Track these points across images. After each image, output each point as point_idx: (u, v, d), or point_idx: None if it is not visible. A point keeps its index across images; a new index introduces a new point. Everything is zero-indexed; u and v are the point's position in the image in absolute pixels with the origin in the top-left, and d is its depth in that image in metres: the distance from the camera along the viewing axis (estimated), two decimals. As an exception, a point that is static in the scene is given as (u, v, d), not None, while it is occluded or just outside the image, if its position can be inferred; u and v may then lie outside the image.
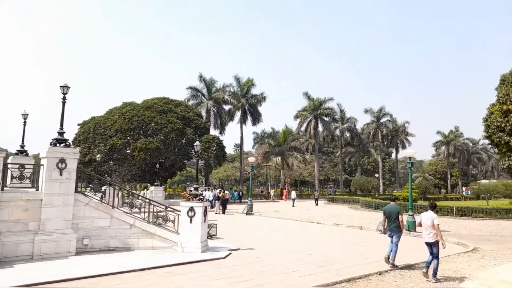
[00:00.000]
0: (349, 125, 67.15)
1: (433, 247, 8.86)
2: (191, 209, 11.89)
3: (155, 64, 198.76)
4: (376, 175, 72.91)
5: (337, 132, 66.57)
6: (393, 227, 10.11)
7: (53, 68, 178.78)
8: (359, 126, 70.95)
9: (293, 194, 40.79)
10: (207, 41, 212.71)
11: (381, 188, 67.88)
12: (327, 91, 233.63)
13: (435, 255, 8.79)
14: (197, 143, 14.82)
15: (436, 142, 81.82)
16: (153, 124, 39.84)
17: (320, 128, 62.27)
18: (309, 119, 61.15)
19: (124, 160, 40.55)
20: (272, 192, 55.29)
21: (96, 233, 11.77)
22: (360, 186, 59.46)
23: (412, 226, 17.46)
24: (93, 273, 8.84)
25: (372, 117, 69.87)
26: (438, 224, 8.86)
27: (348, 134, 68.04)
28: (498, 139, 18.60)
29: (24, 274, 8.66)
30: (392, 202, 10.84)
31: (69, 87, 12.35)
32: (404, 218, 19.77)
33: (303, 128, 62.66)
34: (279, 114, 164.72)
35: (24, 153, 16.57)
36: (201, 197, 12.53)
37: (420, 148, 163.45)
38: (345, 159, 76.69)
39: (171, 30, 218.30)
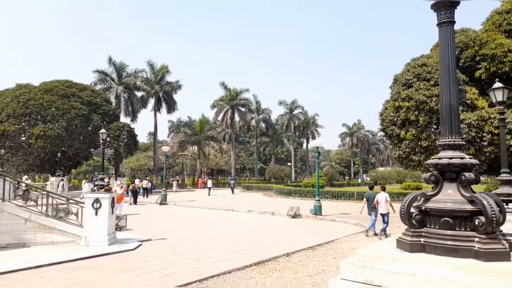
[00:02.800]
0: (264, 116, 69.22)
1: (385, 216, 12.46)
2: (97, 200, 11.13)
3: (53, 42, 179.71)
4: (289, 163, 76.65)
5: (253, 122, 68.12)
6: (371, 207, 13.00)
7: None
8: (273, 117, 73.68)
9: (209, 182, 40.71)
10: (119, 25, 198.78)
11: (293, 176, 71.56)
12: (244, 83, 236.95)
13: (386, 221, 12.44)
14: (102, 130, 13.86)
15: (341, 134, 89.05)
16: (53, 109, 36.08)
17: (237, 118, 63.03)
18: (226, 109, 61.43)
19: (19, 148, 36.18)
20: (174, 183, 46.33)
21: (-19, 230, 10.34)
22: (274, 174, 61.98)
23: (319, 210, 18.79)
24: (-25, 275, 7.76)
25: (285, 109, 72.95)
26: (390, 201, 12.62)
27: (263, 125, 70.15)
28: (391, 132, 20.90)
29: None
30: (370, 190, 13.83)
31: None
32: (311, 203, 21.32)
33: (220, 118, 62.77)
34: (197, 104, 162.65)
35: None
36: (108, 187, 11.78)
37: (329, 139, 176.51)
38: (260, 149, 79.04)
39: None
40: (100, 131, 13.96)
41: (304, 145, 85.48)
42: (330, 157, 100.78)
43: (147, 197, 33.46)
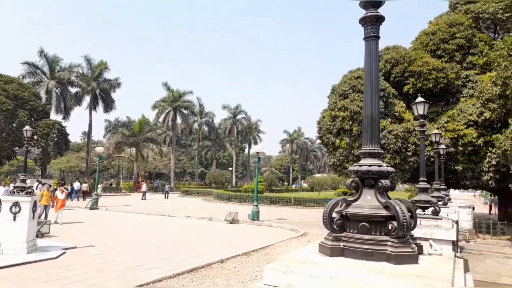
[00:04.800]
0: (208, 119, 68.75)
1: None
2: (16, 204, 10.16)
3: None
4: (230, 168, 76.71)
5: (196, 125, 67.25)
6: None
7: None
8: (216, 121, 73.40)
9: (144, 186, 39.21)
10: (55, 19, 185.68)
11: (233, 181, 71.68)
12: (188, 85, 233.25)
13: None
14: (27, 127, 12.73)
15: (282, 140, 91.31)
16: (-28, 102, 32.57)
17: (179, 120, 61.80)
18: (167, 111, 59.93)
19: None
20: (100, 187, 34.21)
21: None
22: (214, 178, 61.59)
23: (256, 216, 18.98)
24: None
25: (229, 113, 73.09)
26: None
27: (206, 128, 69.60)
28: (327, 140, 21.83)
29: None
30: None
31: None
32: (250, 208, 21.50)
33: (161, 119, 61.05)
34: (138, 104, 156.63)
35: None
36: (30, 190, 10.83)
37: (270, 145, 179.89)
38: (202, 152, 78.17)
39: None
40: (24, 128, 12.80)
41: (246, 150, 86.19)
42: (271, 163, 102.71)
43: (84, 200, 31.45)
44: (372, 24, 4.50)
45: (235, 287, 7.61)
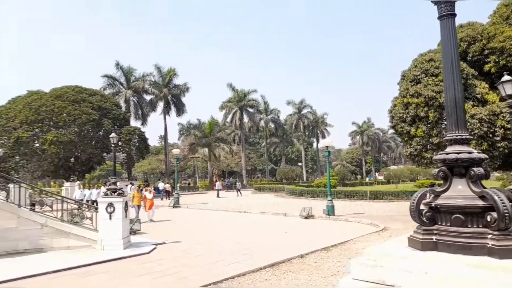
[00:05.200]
0: (273, 116, 69.30)
1: None
2: (110, 204, 11.30)
3: (64, 49, 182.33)
4: (300, 164, 76.45)
5: (262, 123, 68.20)
6: None
7: None
8: (282, 117, 73.65)
9: (218, 184, 40.74)
10: (125, 30, 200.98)
11: (304, 176, 71.38)
12: (252, 84, 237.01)
13: None
14: (113, 135, 14.02)
15: (351, 132, 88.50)
16: (64, 114, 36.65)
17: (245, 119, 63.20)
18: (234, 110, 61.63)
19: (33, 155, 36.85)
20: (166, 185, 37.75)
21: (1, 236, 10.58)
22: (285, 174, 61.92)
23: (331, 210, 18.72)
24: (-4, 281, 7.96)
25: (294, 108, 72.85)
26: None
27: (272, 125, 70.22)
28: (401, 129, 20.68)
29: None
30: None
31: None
32: (323, 203, 21.26)
33: (228, 119, 63.00)
34: (206, 106, 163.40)
35: None
36: (121, 191, 11.94)
37: (339, 137, 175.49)
38: (270, 149, 79.02)
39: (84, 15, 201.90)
40: (111, 136, 14.14)
41: (314, 145, 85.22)
42: (341, 156, 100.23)
43: (167, 199, 33.76)
44: (446, 1, 4.19)
45: (317, 282, 7.63)
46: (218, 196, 37.42)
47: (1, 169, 30.32)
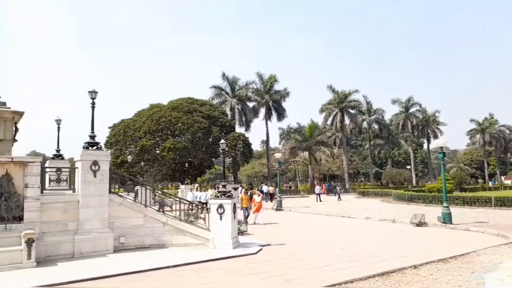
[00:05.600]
0: (377, 116, 65.77)
1: None
2: (220, 206, 12.06)
3: (178, 65, 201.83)
4: (408, 166, 70.98)
5: (365, 124, 65.34)
6: None
7: (81, 72, 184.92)
8: (387, 117, 69.40)
9: (317, 188, 40.08)
10: (228, 39, 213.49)
11: (413, 180, 66.07)
12: (352, 84, 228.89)
13: None
14: (222, 141, 15.00)
15: (470, 131, 78.81)
16: (179, 124, 40.54)
17: (347, 121, 61.31)
18: (334, 112, 60.34)
19: (155, 160, 41.54)
20: (270, 188, 39.10)
21: (131, 232, 12.17)
22: (391, 178, 58.18)
23: (448, 218, 16.92)
24: (129, 270, 9.16)
25: (400, 107, 68.07)
26: None
27: (376, 126, 66.68)
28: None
29: (66, 272, 9.10)
30: None
31: (97, 92, 12.71)
32: (437, 210, 19.33)
33: (329, 122, 61.93)
34: (305, 109, 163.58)
35: (60, 157, 17.30)
36: (230, 194, 12.66)
37: (453, 137, 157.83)
38: (374, 152, 75.13)
39: (191, 31, 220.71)
40: (220, 142, 15.15)
41: (425, 146, 78.18)
42: (457, 158, 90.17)
43: (271, 201, 34.77)
44: None
45: (435, 296, 6.96)
46: (319, 200, 36.92)
47: (129, 173, 34.92)
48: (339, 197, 39.08)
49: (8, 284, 8.08)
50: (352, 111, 61.31)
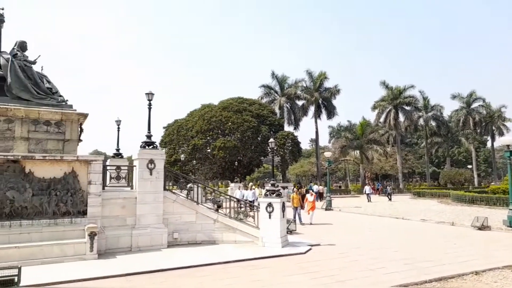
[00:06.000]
0: (434, 113, 62.16)
1: None
2: (269, 204, 12.13)
3: (228, 64, 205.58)
4: (469, 166, 66.29)
5: (421, 121, 62.09)
6: None
7: (136, 76, 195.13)
8: (446, 113, 65.34)
9: (367, 188, 38.70)
10: (276, 36, 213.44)
11: (475, 180, 61.60)
12: (407, 79, 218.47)
13: None
14: (271, 140, 15.03)
15: (541, 127, 71.74)
16: (229, 123, 41.32)
17: (401, 118, 58.62)
18: (388, 109, 57.97)
19: (206, 159, 42.74)
20: (320, 187, 39.69)
21: (184, 228, 12.65)
22: (450, 178, 54.73)
23: (515, 222, 15.60)
24: (183, 265, 9.55)
25: (461, 103, 63.77)
26: None
27: (433, 123, 63.06)
28: None
29: (125, 264, 9.69)
30: None
31: (153, 94, 13.39)
32: (502, 212, 17.88)
33: (382, 119, 59.63)
34: (356, 107, 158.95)
35: (119, 156, 18.45)
36: (279, 192, 12.68)
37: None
38: (431, 150, 71.12)
39: (238, 31, 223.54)
40: (269, 141, 15.20)
41: (489, 144, 72.54)
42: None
43: (320, 201, 34.32)
44: None
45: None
46: (369, 200, 35.64)
47: (182, 171, 36.28)
48: (389, 197, 37.48)
49: (75, 274, 8.77)
50: (407, 108, 58.53)
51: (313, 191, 30.39)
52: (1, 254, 9.35)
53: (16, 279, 7.09)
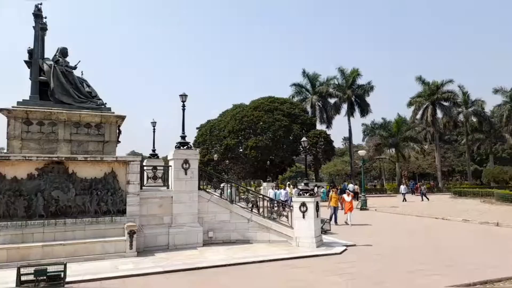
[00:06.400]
0: (475, 108, 59.17)
1: None
2: (303, 204, 12.03)
3: (258, 63, 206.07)
4: (514, 163, 62.64)
5: (461, 117, 59.32)
6: None
7: (173, 78, 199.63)
8: (488, 108, 61.98)
9: (403, 188, 37.37)
10: (308, 33, 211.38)
11: (522, 178, 58.08)
12: (445, 74, 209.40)
13: None
14: (304, 139, 14.91)
15: None
16: (261, 123, 41.41)
17: (439, 114, 56.30)
18: (425, 106, 55.86)
19: (238, 159, 43.10)
20: (355, 187, 37.80)
21: (218, 227, 12.82)
22: (493, 177, 52.00)
23: None
24: (218, 263, 9.68)
25: (504, 97, 60.17)
26: None
27: (474, 119, 60.07)
28: None
29: (163, 262, 9.95)
30: None
31: (187, 95, 13.65)
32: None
33: (418, 116, 57.54)
34: (390, 103, 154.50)
35: (155, 156, 18.97)
36: (312, 192, 12.55)
37: None
38: (472, 147, 67.76)
39: (268, 30, 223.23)
40: (302, 140, 15.10)
41: (537, 140, 68.16)
42: None
43: (356, 200, 33.56)
44: None
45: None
46: (404, 200, 34.34)
47: (215, 171, 36.76)
48: (423, 197, 35.79)
49: (116, 270, 9.11)
50: (446, 104, 56.14)
51: (349, 190, 29.60)
52: (48, 251, 9.88)
53: (62, 274, 7.46)
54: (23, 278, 7.23)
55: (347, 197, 18.74)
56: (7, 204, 10.37)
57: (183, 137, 13.17)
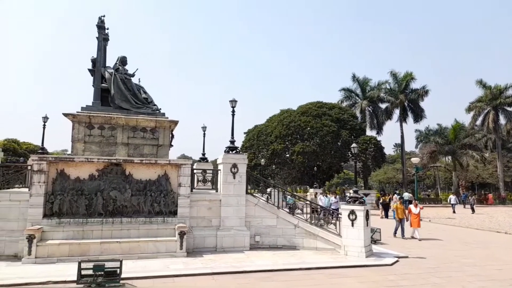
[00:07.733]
0: (544, 114, 54.20)
1: None
2: (352, 212, 11.73)
3: (307, 69, 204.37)
4: None
5: (527, 123, 54.58)
6: None
7: (221, 84, 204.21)
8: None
9: (453, 198, 34.76)
10: (357, 37, 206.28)
11: None
12: (507, 76, 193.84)
13: None
14: (354, 145, 14.59)
15: None
16: (308, 128, 41.01)
17: (502, 120, 52.22)
18: (486, 111, 52.16)
19: (284, 164, 42.98)
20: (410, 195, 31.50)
21: (265, 231, 12.87)
22: None
23: None
24: (265, 268, 9.70)
25: None
26: None
27: (543, 125, 55.00)
28: None
29: (211, 264, 10.18)
30: None
31: (237, 101, 13.92)
32: None
33: (478, 122, 53.85)
34: (446, 109, 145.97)
35: (205, 160, 19.49)
36: (362, 200, 12.19)
37: None
38: (541, 156, 62.09)
39: (319, 34, 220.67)
40: (352, 146, 14.78)
41: None
42: None
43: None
44: None
45: None
46: (454, 211, 31.95)
47: (262, 175, 36.96)
48: (472, 209, 32.91)
49: (167, 269, 9.48)
50: (509, 109, 52.02)
51: (403, 199, 28.01)
52: (105, 248, 10.51)
53: (118, 271, 7.90)
54: (83, 272, 7.76)
55: (414, 209, 16.37)
56: (70, 202, 11.21)
57: (232, 142, 13.43)
